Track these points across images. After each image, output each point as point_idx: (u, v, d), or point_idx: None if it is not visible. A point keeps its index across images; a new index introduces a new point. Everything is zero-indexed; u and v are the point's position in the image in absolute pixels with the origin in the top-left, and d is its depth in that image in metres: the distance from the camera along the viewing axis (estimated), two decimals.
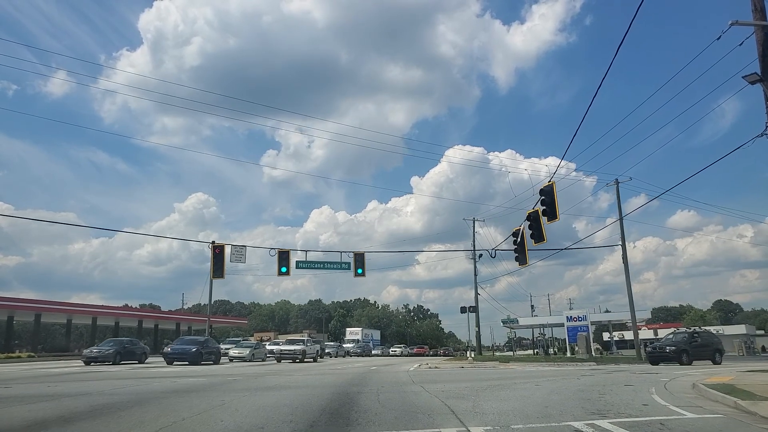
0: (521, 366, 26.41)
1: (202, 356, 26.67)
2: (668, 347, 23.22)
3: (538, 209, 18.27)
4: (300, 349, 31.78)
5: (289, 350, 31.83)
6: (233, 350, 34.53)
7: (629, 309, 38.05)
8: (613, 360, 36.00)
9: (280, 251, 24.05)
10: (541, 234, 18.00)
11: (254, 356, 34.35)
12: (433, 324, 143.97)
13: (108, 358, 26.42)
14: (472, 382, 13.99)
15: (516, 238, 20.37)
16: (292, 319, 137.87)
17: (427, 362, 31.15)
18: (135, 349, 29.34)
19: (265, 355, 35.16)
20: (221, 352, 30.99)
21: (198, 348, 26.72)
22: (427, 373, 19.21)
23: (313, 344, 35.13)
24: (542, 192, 16.35)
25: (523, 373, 19.28)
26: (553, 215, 16.11)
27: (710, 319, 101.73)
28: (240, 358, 33.39)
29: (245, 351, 34.54)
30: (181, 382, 14.04)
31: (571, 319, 45.73)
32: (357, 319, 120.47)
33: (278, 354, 32.00)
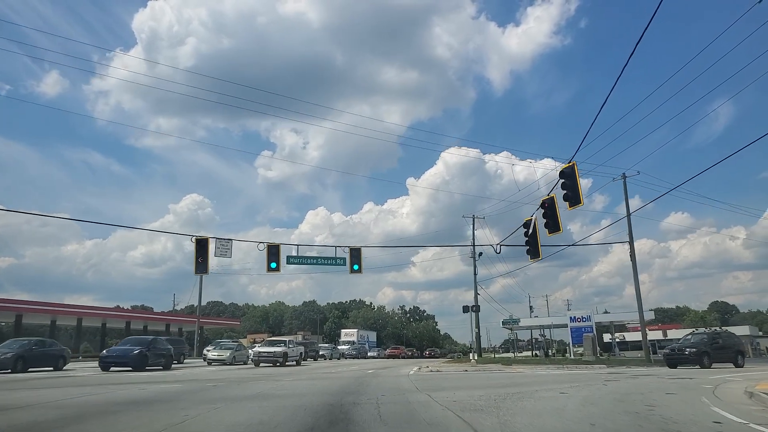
0: (528, 369, 24.60)
1: (148, 360, 22.61)
2: (688, 349, 21.50)
3: (554, 195, 16.46)
4: (280, 352, 28.72)
5: (269, 353, 28.72)
6: (211, 352, 31.95)
7: (637, 309, 36.30)
8: (620, 362, 34.22)
9: (270, 245, 22.19)
10: (556, 223, 16.18)
11: (235, 359, 31.83)
12: (430, 325, 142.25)
13: (5, 365, 20.78)
14: (486, 389, 12.15)
15: (527, 229, 18.55)
16: (287, 320, 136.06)
17: (428, 365, 29.31)
18: (49, 352, 23.64)
19: (248, 357, 32.76)
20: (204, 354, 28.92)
21: (142, 350, 22.49)
22: (431, 378, 17.37)
23: (296, 346, 32.59)
24: (562, 174, 14.54)
25: (535, 377, 17.45)
26: (576, 200, 14.27)
27: (710, 320, 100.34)
28: (219, 361, 30.85)
29: (225, 353, 31.75)
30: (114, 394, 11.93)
31: (574, 320, 44.01)
32: (352, 320, 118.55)
33: (257, 357, 28.88)
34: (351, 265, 23.35)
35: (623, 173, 37.19)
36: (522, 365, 30.36)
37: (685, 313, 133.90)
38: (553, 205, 16.34)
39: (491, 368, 25.14)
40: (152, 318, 68.68)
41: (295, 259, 22.72)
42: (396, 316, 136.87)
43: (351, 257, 23.41)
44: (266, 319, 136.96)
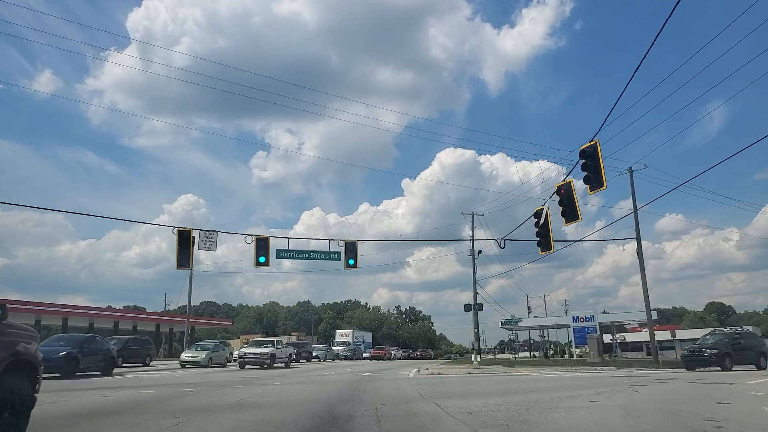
0: (534, 371, 23.04)
1: (79, 363, 18.39)
2: (708, 350, 20.02)
3: (570, 180, 14.90)
4: (267, 353, 26.80)
5: (254, 354, 26.79)
6: (185, 353, 29.36)
7: (637, 309, 34.87)
8: (627, 364, 32.67)
9: (258, 238, 20.54)
10: (574, 210, 14.60)
11: (212, 361, 29.17)
12: (426, 326, 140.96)
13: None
14: (501, 396, 10.54)
15: (538, 219, 16.97)
16: (281, 321, 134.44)
17: (427, 367, 27.71)
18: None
19: (227, 359, 30.65)
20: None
21: (71, 351, 18.24)
22: (434, 383, 15.76)
23: (285, 347, 30.70)
24: (584, 154, 12.91)
25: (550, 381, 15.87)
26: (599, 182, 12.65)
27: (710, 321, 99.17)
28: (193, 363, 27.97)
29: (200, 354, 28.72)
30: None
31: (577, 320, 42.50)
32: (347, 320, 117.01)
33: (241, 358, 27.02)
34: (346, 260, 21.76)
35: (630, 167, 35.68)
36: (526, 367, 28.80)
37: (682, 314, 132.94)
38: (570, 191, 14.77)
39: (495, 371, 23.58)
40: (141, 318, 66.74)
41: (286, 253, 21.11)
42: (392, 317, 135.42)
43: (346, 251, 21.82)
44: (260, 319, 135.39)
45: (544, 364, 35.14)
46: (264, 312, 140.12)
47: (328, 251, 21.82)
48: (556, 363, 35.13)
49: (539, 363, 36.20)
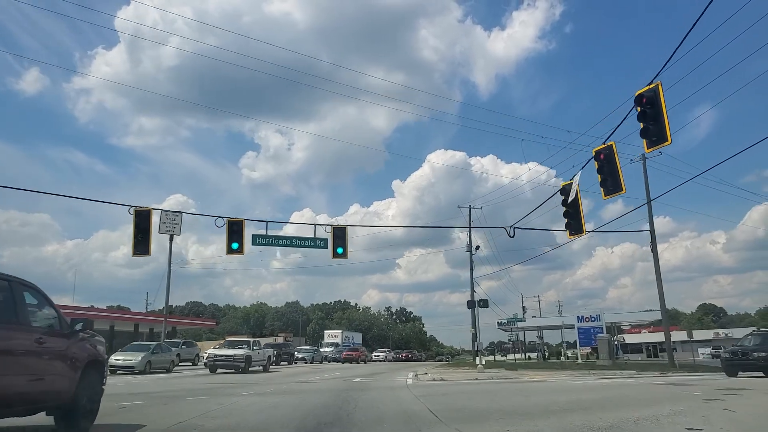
0: (549, 376, 20.16)
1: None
2: (755, 353, 17.26)
3: (612, 144, 11.98)
4: (242, 355, 23.25)
5: (227, 356, 23.18)
6: (115, 355, 23.65)
7: (660, 308, 32.17)
8: (642, 367, 29.88)
9: (231, 221, 17.48)
10: (617, 180, 11.70)
11: (151, 364, 24.00)
12: (417, 327, 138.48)
13: None
14: (548, 417, 7.56)
15: (565, 196, 14.08)
16: (268, 321, 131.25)
17: (426, 371, 24.71)
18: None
19: (173, 362, 26.48)
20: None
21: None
22: (442, 393, 12.80)
23: (263, 348, 27.16)
24: (641, 100, 9.97)
25: (589, 392, 12.94)
26: (661, 135, 9.74)
27: (707, 322, 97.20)
28: (126, 367, 22.87)
29: (134, 357, 23.52)
30: None
31: (582, 320, 39.78)
32: (337, 321, 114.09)
33: (211, 361, 23.39)
34: (334, 248, 18.74)
35: (642, 154, 32.97)
36: (535, 371, 25.95)
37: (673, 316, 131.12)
38: (612, 155, 11.86)
39: (504, 375, 20.66)
40: (119, 317, 63.28)
41: (264, 239, 18.06)
42: (382, 318, 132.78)
43: (334, 239, 18.82)
44: (247, 320, 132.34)
45: (550, 367, 32.28)
46: (251, 313, 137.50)
47: (314, 238, 18.82)
48: (563, 366, 32.30)
49: (544, 366, 33.37)
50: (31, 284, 6.38)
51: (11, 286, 5.87)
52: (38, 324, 6.20)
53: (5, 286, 5.79)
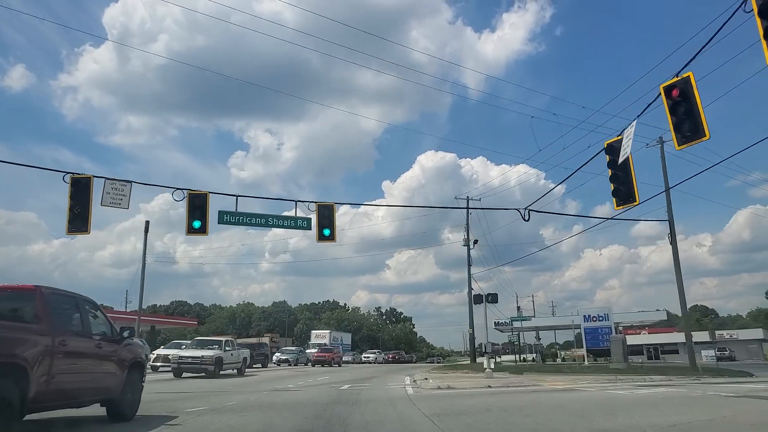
0: (572, 382, 17.13)
1: None
2: None
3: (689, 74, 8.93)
4: (212, 357, 20.29)
5: (194, 358, 20.21)
6: None
7: (680, 306, 29.27)
8: (660, 371, 26.93)
9: (191, 193, 14.24)
10: (697, 122, 8.67)
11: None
12: (407, 328, 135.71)
13: None
14: None
15: (613, 155, 11.01)
16: (255, 321, 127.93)
17: (424, 375, 21.54)
18: None
19: None
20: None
21: None
22: (457, 408, 9.66)
23: (237, 348, 23.95)
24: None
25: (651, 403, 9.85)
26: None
27: (706, 323, 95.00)
28: None
29: None
30: None
31: (589, 319, 36.85)
32: (325, 322, 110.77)
33: (176, 364, 20.39)
34: (319, 229, 15.56)
35: (660, 137, 30.11)
36: (544, 375, 22.94)
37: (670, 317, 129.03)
38: (690, 90, 8.79)
39: (519, 381, 17.55)
40: None
41: (233, 216, 14.81)
42: (372, 318, 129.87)
43: (320, 218, 15.64)
44: (233, 320, 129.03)
45: (557, 370, 29.24)
46: (237, 312, 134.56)
47: (294, 217, 15.62)
48: (573, 369, 29.30)
49: (550, 369, 30.36)
50: (90, 299, 7.88)
51: (77, 302, 7.38)
52: (96, 332, 7.57)
53: (72, 302, 7.29)
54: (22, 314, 6.56)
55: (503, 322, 55.97)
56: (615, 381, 18.32)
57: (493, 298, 20.65)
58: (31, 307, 6.51)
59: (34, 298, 6.57)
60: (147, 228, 39.92)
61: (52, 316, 6.56)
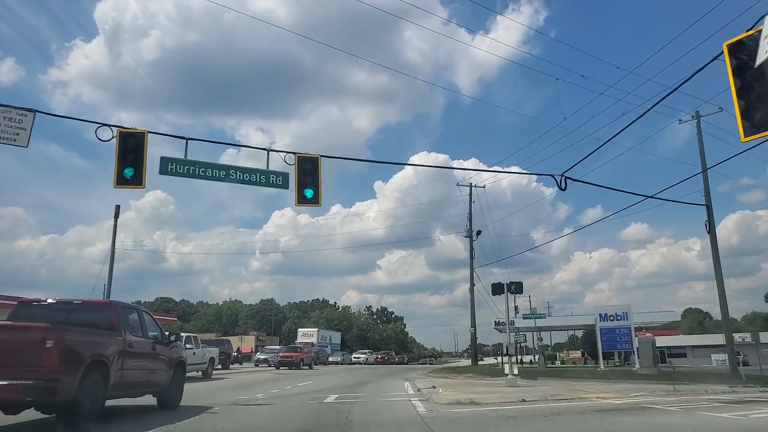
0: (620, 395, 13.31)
1: None
2: None
3: None
4: None
5: None
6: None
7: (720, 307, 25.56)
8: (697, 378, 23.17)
9: (123, 132, 10.28)
10: None
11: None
12: (398, 328, 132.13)
13: None
14: None
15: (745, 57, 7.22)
16: (242, 319, 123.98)
17: (431, 383, 17.53)
18: None
19: None
20: None
21: None
22: None
23: (202, 347, 19.94)
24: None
25: None
26: None
27: (709, 326, 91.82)
28: None
29: None
30: None
31: (605, 318, 33.13)
32: (315, 321, 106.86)
33: None
34: (299, 188, 11.62)
35: (696, 111, 26.42)
36: (571, 382, 19.17)
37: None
38: None
39: (560, 394, 13.61)
40: None
41: (180, 165, 10.73)
42: (362, 317, 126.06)
43: (300, 174, 11.72)
44: (219, 318, 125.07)
45: (577, 375, 25.51)
46: (223, 310, 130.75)
47: (266, 171, 11.68)
48: (595, 374, 25.51)
49: (571, 374, 26.58)
50: (146, 310, 10.16)
51: (138, 312, 9.38)
52: (151, 336, 9.35)
53: (135, 312, 9.23)
54: (101, 323, 8.06)
55: (503, 322, 52.35)
56: (672, 392, 14.50)
57: (517, 287, 16.66)
58: (107, 317, 8.23)
59: (109, 309, 8.49)
60: (117, 213, 35.94)
61: (122, 324, 8.29)
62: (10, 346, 6.51)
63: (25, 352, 6.46)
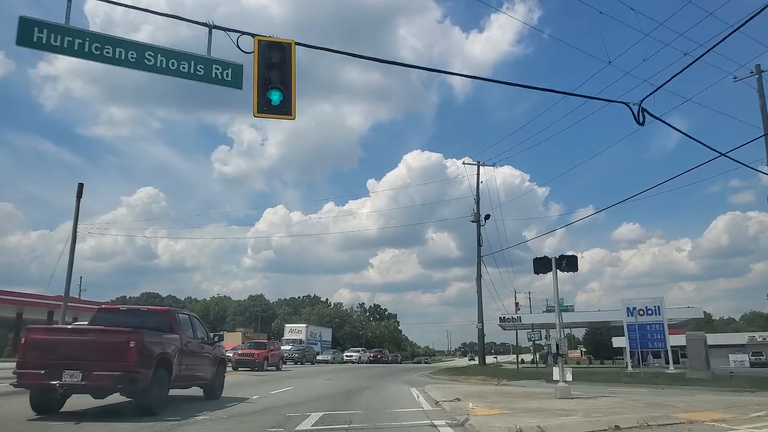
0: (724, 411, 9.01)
1: None
2: None
3: None
4: None
5: None
6: None
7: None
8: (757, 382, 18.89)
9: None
10: None
11: None
12: (391, 325, 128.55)
13: None
14: None
15: None
16: (230, 316, 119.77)
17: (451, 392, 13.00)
18: None
19: None
20: None
21: None
22: None
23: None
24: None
25: None
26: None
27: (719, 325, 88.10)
28: None
29: None
30: None
31: (633, 312, 28.74)
32: (306, 317, 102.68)
33: None
34: (260, 88, 7.22)
35: (757, 65, 22.21)
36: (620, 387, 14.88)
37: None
38: None
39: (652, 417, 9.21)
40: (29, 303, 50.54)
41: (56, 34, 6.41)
42: (355, 314, 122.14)
43: (261, 67, 7.32)
44: (207, 314, 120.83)
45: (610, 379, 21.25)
46: (211, 306, 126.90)
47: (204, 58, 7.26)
48: (636, 378, 21.24)
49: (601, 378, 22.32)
50: (195, 315, 11.81)
51: (190, 317, 11.04)
52: (200, 337, 10.97)
53: (188, 317, 10.89)
54: (163, 326, 9.60)
55: (509, 318, 48.09)
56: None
57: (570, 263, 12.28)
58: (167, 321, 9.83)
59: (169, 315, 10.16)
60: (80, 192, 31.36)
61: (179, 327, 10.00)
62: (103, 346, 8.21)
63: (114, 351, 8.09)
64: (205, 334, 11.34)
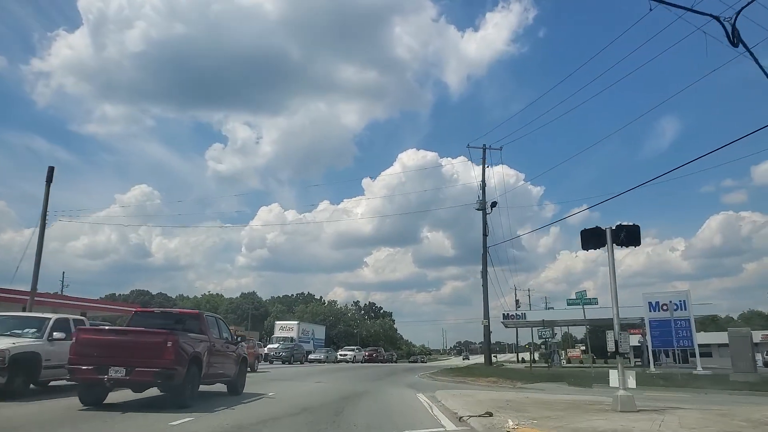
0: None
1: None
2: None
3: None
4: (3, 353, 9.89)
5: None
6: None
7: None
8: None
9: None
10: None
11: None
12: (387, 324, 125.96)
13: None
14: None
15: None
16: (221, 313, 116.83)
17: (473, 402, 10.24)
18: None
19: None
20: None
21: None
22: None
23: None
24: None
25: None
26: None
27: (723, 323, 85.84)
28: None
29: None
30: None
31: (656, 307, 26.10)
32: (299, 315, 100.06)
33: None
34: None
35: None
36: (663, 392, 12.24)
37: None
38: None
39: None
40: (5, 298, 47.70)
41: None
42: (349, 313, 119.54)
43: None
44: None
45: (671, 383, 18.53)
46: (202, 304, 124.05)
47: None
48: (671, 381, 18.56)
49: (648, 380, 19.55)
50: (220, 317, 13.13)
51: (216, 319, 12.10)
52: (224, 337, 11.84)
53: (214, 319, 11.96)
54: (194, 328, 10.52)
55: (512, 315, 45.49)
56: None
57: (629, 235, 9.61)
58: (198, 323, 10.76)
59: (199, 317, 11.08)
60: (50, 177, 28.41)
61: (208, 328, 10.83)
62: (143, 345, 9.03)
63: (154, 350, 8.93)
64: (229, 335, 12.26)
